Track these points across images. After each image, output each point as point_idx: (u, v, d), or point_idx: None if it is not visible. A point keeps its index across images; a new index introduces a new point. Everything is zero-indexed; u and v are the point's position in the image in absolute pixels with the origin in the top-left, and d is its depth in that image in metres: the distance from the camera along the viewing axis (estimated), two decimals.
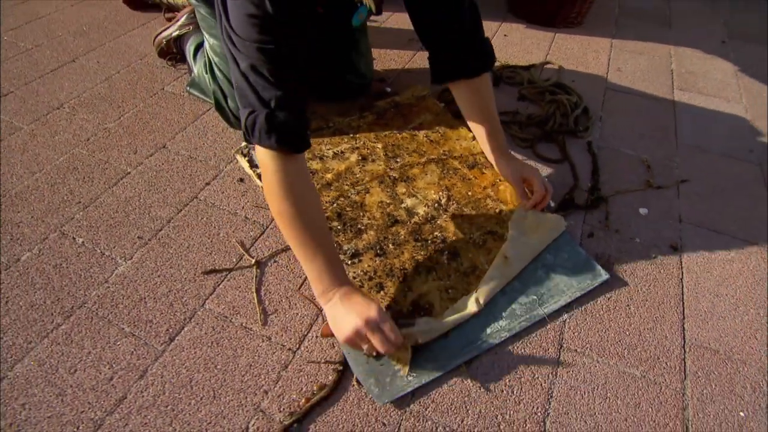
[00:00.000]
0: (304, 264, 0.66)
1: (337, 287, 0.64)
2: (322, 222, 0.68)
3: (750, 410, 0.63)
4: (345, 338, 0.61)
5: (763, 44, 1.56)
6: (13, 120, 1.11)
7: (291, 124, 0.62)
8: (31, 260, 0.80)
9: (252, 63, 0.60)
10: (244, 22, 0.59)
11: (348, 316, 0.61)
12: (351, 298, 0.62)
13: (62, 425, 0.60)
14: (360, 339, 0.60)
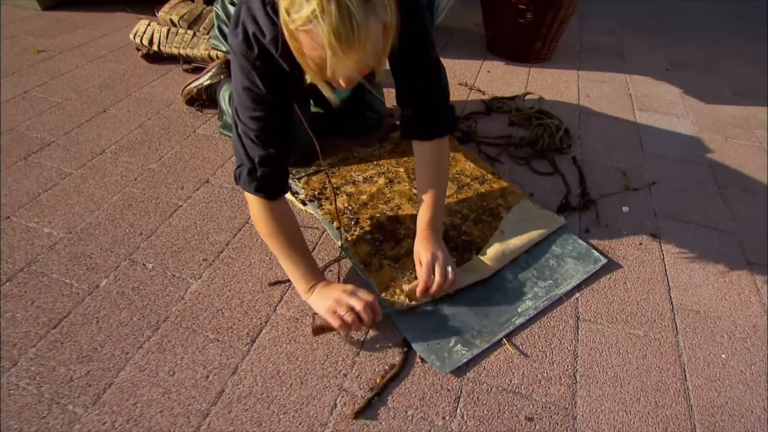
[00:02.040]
0: (289, 271, 0.84)
1: (316, 282, 0.82)
2: (300, 240, 0.86)
3: (729, 353, 0.81)
4: (327, 308, 0.77)
5: (698, 70, 1.88)
6: (61, 167, 1.23)
7: (268, 178, 0.80)
8: (110, 285, 0.91)
9: (245, 127, 0.78)
10: (242, 94, 0.77)
11: (329, 293, 0.78)
12: (328, 285, 0.81)
13: (174, 417, 0.71)
14: (339, 305, 0.76)
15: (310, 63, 0.64)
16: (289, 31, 0.61)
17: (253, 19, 0.74)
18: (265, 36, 0.73)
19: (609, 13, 2.47)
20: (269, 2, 0.72)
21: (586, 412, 0.72)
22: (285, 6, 0.58)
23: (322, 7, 0.53)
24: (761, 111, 1.59)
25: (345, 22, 0.54)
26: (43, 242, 1.00)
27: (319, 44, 0.58)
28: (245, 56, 0.76)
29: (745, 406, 0.74)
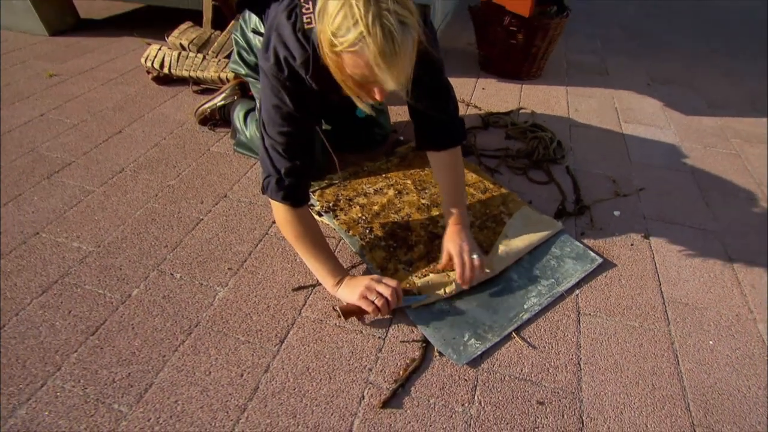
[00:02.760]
0: (315, 269, 0.95)
1: (341, 277, 0.92)
2: (323, 241, 0.96)
3: (715, 339, 0.90)
4: (359, 295, 0.87)
5: (676, 85, 2.03)
6: (84, 185, 1.30)
7: (293, 187, 0.90)
8: (141, 294, 0.98)
9: (273, 141, 0.88)
10: (271, 111, 0.87)
11: (356, 285, 0.89)
12: (354, 278, 0.92)
13: (213, 412, 0.77)
14: (369, 292, 0.86)
15: (349, 81, 0.74)
16: (334, 53, 0.69)
17: (284, 44, 0.83)
18: (296, 59, 0.83)
19: (592, 34, 2.64)
20: (300, 29, 0.81)
21: (591, 395, 0.80)
22: (331, 30, 0.66)
23: (368, 30, 0.62)
24: (735, 121, 1.73)
25: (388, 41, 0.64)
26: (74, 256, 1.06)
27: (364, 62, 0.67)
28: (276, 77, 0.85)
29: (732, 385, 0.82)
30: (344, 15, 0.63)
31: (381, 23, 0.62)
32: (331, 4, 0.65)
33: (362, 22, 0.62)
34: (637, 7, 3.25)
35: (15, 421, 0.75)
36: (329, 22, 0.66)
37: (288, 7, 0.85)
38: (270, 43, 0.85)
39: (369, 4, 0.62)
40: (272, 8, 0.96)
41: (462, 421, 0.76)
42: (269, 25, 0.90)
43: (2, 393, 0.79)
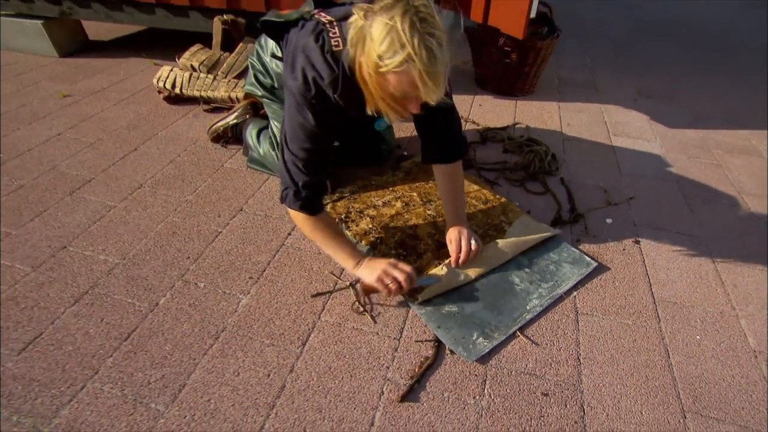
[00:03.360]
0: (335, 255, 1.05)
1: (361, 259, 1.02)
2: (339, 231, 1.11)
3: (702, 334, 0.98)
4: (376, 278, 0.97)
5: (661, 100, 2.16)
6: (105, 200, 1.37)
7: (310, 199, 1.00)
8: (168, 303, 1.05)
9: (294, 156, 0.97)
10: (295, 128, 0.97)
11: (376, 266, 0.99)
12: (372, 260, 1.02)
13: (244, 409, 0.84)
14: (386, 276, 0.96)
15: (388, 98, 0.84)
16: (378, 74, 0.79)
17: (312, 65, 0.93)
18: (324, 79, 0.92)
19: (581, 52, 2.79)
20: (328, 51, 0.91)
21: (590, 387, 0.88)
22: (377, 54, 0.76)
23: (414, 52, 0.73)
24: (716, 134, 1.85)
25: (432, 61, 0.74)
26: (101, 268, 1.13)
27: (408, 81, 0.77)
28: (304, 96, 0.94)
29: (718, 375, 0.91)
30: (391, 40, 0.73)
31: (425, 46, 0.73)
32: (376, 30, 0.75)
33: (409, 45, 0.72)
34: (623, 25, 3.43)
35: (59, 421, 0.81)
36: (374, 47, 0.76)
37: (314, 31, 0.95)
38: (297, 64, 0.95)
39: (414, 29, 0.72)
40: (291, 33, 1.06)
41: (474, 412, 0.84)
42: (293, 47, 1.00)
43: (45, 395, 0.85)
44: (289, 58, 1.02)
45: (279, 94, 1.28)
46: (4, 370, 0.89)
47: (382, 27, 0.75)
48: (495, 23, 1.74)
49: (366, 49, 0.80)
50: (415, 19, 0.74)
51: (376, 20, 0.77)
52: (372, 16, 0.78)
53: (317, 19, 0.99)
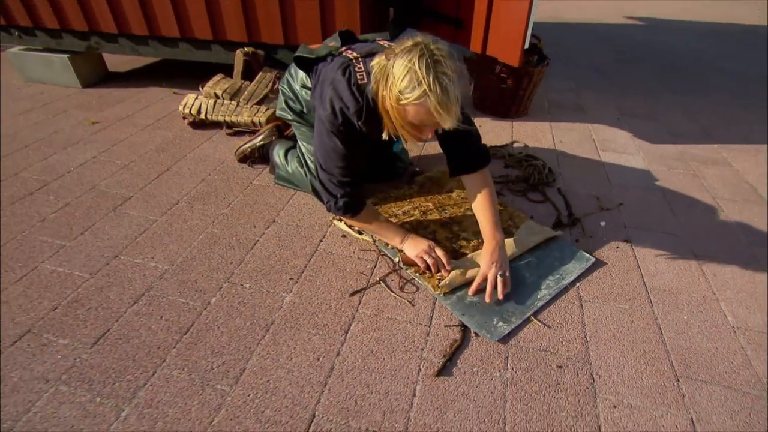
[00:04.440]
0: (383, 234, 1.31)
1: (405, 236, 1.27)
2: (381, 220, 1.32)
3: (688, 315, 1.15)
4: (416, 254, 1.21)
5: (642, 118, 2.40)
6: (146, 215, 1.51)
7: (350, 205, 1.24)
8: (219, 301, 1.18)
9: (329, 175, 1.18)
10: (328, 151, 1.16)
11: (418, 245, 1.24)
12: (416, 238, 1.27)
13: (301, 387, 0.97)
14: (425, 254, 1.21)
15: (407, 125, 1.02)
16: (399, 105, 0.97)
17: (340, 97, 1.11)
18: (349, 109, 1.11)
19: (568, 77, 3.07)
20: (354, 84, 1.10)
21: (597, 359, 1.03)
22: (399, 89, 0.94)
23: (429, 88, 0.90)
24: (692, 147, 2.08)
25: (445, 95, 0.91)
26: (153, 273, 1.27)
27: (425, 111, 0.94)
28: (332, 123, 1.13)
29: (703, 347, 1.07)
30: (410, 78, 0.92)
31: (439, 82, 0.91)
32: (397, 70, 0.93)
33: (425, 82, 0.90)
34: (603, 53, 3.75)
35: (138, 401, 0.93)
36: (395, 84, 0.94)
37: (342, 66, 1.14)
38: (326, 96, 1.13)
39: (429, 69, 0.90)
40: (320, 67, 1.26)
41: (500, 382, 0.98)
42: (321, 79, 1.20)
43: (122, 380, 0.97)
44: (318, 88, 1.21)
45: (308, 118, 1.46)
46: (81, 360, 1.01)
47: (402, 67, 0.94)
48: (493, 53, 1.98)
49: (388, 85, 0.98)
50: (430, 61, 0.92)
51: (398, 61, 0.95)
52: (393, 58, 0.97)
53: (345, 55, 1.19)
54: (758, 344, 1.09)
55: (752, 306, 1.19)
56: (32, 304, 1.16)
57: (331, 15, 1.95)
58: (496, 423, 0.90)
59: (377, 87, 1.02)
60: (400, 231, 1.28)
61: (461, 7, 2.06)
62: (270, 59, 2.21)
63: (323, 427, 0.89)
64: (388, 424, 0.90)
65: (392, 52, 0.98)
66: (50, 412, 0.91)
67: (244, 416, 0.91)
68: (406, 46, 0.95)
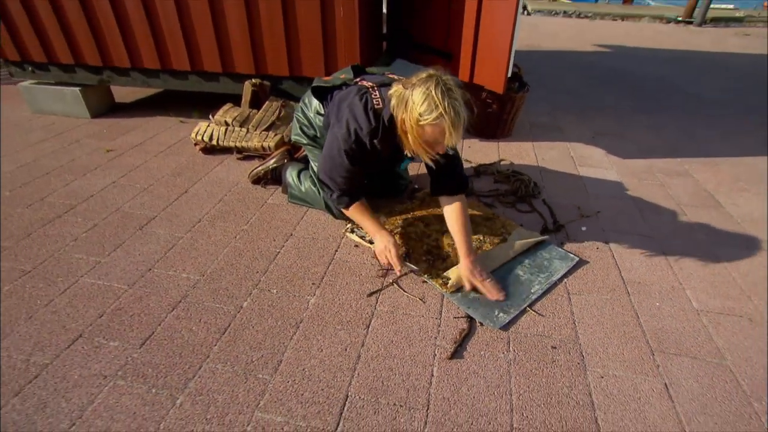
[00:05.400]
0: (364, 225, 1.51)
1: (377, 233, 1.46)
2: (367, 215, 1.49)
3: (660, 302, 1.36)
4: (378, 251, 1.43)
5: (613, 137, 2.68)
6: (172, 233, 1.66)
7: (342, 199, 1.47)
8: (250, 305, 1.33)
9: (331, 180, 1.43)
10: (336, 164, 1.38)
11: (380, 243, 1.44)
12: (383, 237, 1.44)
13: (333, 372, 1.12)
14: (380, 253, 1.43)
15: (424, 143, 1.22)
16: (419, 126, 1.18)
17: (355, 119, 1.32)
18: (363, 130, 1.31)
19: (545, 101, 3.37)
20: (371, 108, 1.31)
21: (585, 340, 1.22)
22: (419, 112, 1.15)
23: (445, 111, 1.12)
24: (659, 161, 2.35)
25: (457, 117, 1.14)
26: (186, 283, 1.41)
27: (440, 131, 1.15)
28: (346, 141, 1.33)
29: (673, 326, 1.27)
30: (428, 103, 1.14)
31: (452, 107, 1.13)
32: (416, 96, 1.16)
33: (441, 106, 1.12)
34: (575, 78, 4.11)
35: (190, 390, 1.07)
36: (415, 108, 1.16)
37: (359, 92, 1.36)
38: (343, 117, 1.35)
39: (444, 96, 1.13)
40: (335, 95, 1.47)
41: (505, 362, 1.15)
42: (338, 103, 1.42)
43: (172, 374, 1.10)
44: (334, 109, 1.42)
45: (320, 142, 1.66)
46: (132, 359, 1.14)
47: (421, 94, 1.16)
48: (479, 81, 2.23)
49: (408, 108, 1.19)
50: (444, 89, 1.15)
51: (417, 89, 1.17)
52: (412, 87, 1.19)
53: (361, 84, 1.40)
54: (717, 323, 1.29)
55: (712, 292, 1.41)
56: (79, 312, 1.29)
57: (333, 50, 2.18)
58: (504, 394, 1.07)
59: (397, 111, 1.23)
60: (376, 228, 1.46)
61: (450, 41, 2.32)
62: (276, 89, 2.42)
63: (357, 404, 1.04)
64: (412, 399, 1.06)
65: (409, 82, 1.20)
66: (113, 402, 1.04)
67: (287, 399, 1.05)
68: (422, 77, 1.18)
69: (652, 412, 1.03)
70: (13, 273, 1.43)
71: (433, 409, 1.03)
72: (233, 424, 1.00)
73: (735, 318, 1.31)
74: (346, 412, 1.02)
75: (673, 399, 1.07)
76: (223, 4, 2.18)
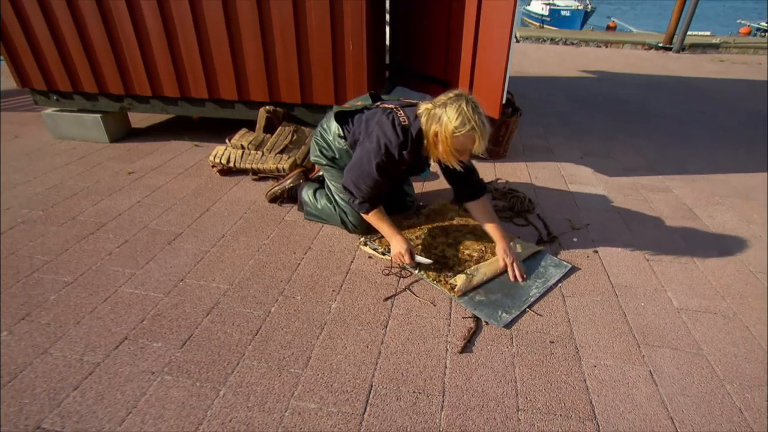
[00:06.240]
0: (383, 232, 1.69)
1: (393, 237, 1.65)
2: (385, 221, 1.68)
3: (644, 303, 1.53)
4: (394, 254, 1.62)
5: (600, 157, 2.91)
6: (199, 247, 1.81)
7: (364, 206, 1.65)
8: (278, 310, 1.48)
9: (357, 189, 1.59)
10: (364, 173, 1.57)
11: (396, 247, 1.64)
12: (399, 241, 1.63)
13: (358, 365, 1.27)
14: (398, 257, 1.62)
15: (455, 151, 1.44)
16: (453, 138, 1.39)
17: (385, 134, 1.52)
18: (392, 143, 1.51)
19: (537, 124, 3.62)
20: (398, 125, 1.51)
21: (579, 335, 1.38)
22: (453, 126, 1.37)
23: (476, 124, 1.36)
24: (642, 179, 2.57)
25: (485, 128, 1.38)
26: (217, 291, 1.56)
27: (471, 140, 1.38)
28: (377, 153, 1.53)
29: (657, 323, 1.44)
30: (462, 118, 1.37)
31: (481, 120, 1.37)
32: (450, 112, 1.39)
33: (472, 120, 1.36)
34: (563, 103, 4.39)
35: (231, 383, 1.21)
36: (450, 122, 1.38)
37: (385, 113, 1.59)
38: (373, 133, 1.57)
39: (474, 111, 1.37)
40: (356, 118, 1.69)
41: (509, 355, 1.31)
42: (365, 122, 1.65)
43: (213, 370, 1.24)
44: (362, 127, 1.65)
45: (338, 163, 1.84)
46: (175, 357, 1.28)
47: (455, 110, 1.39)
48: None
49: (443, 123, 1.41)
50: (473, 105, 1.40)
51: (450, 107, 1.41)
52: (444, 105, 1.43)
53: (384, 107, 1.62)
54: (695, 320, 1.46)
55: (690, 293, 1.59)
56: (122, 318, 1.42)
57: (342, 79, 2.40)
58: (510, 382, 1.22)
59: (430, 126, 1.46)
60: (392, 232, 1.66)
61: (448, 71, 2.56)
62: (288, 116, 2.62)
63: (381, 392, 1.19)
64: (429, 387, 1.20)
65: (438, 102, 1.45)
66: (162, 394, 1.17)
67: (318, 389, 1.20)
68: (451, 96, 1.43)
69: (639, 395, 1.19)
70: (57, 284, 1.57)
71: (448, 395, 1.18)
72: (272, 411, 1.13)
73: (710, 315, 1.49)
74: (371, 399, 1.17)
75: (657, 383, 1.23)
76: (241, 36, 2.39)
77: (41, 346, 1.31)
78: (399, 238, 1.64)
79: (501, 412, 1.14)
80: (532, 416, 1.13)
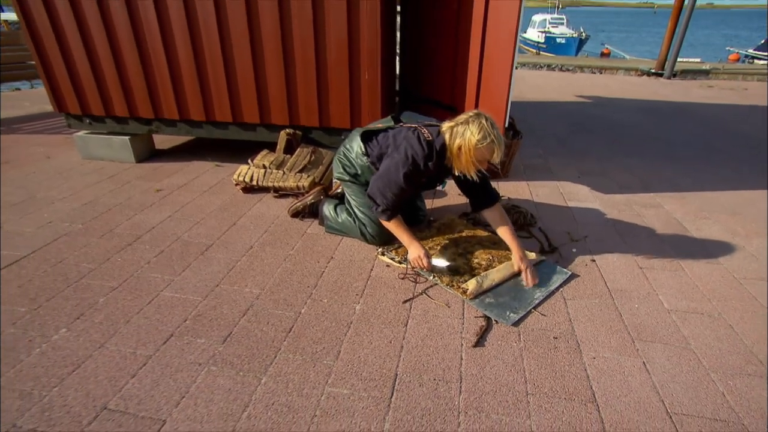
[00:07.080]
0: (402, 239, 1.89)
1: (411, 243, 1.86)
2: (403, 228, 1.88)
3: (638, 304, 1.70)
4: (413, 258, 1.81)
5: (596, 175, 3.13)
6: (229, 257, 1.99)
7: (386, 214, 1.85)
8: (307, 311, 1.64)
9: (383, 197, 1.80)
10: (391, 182, 1.77)
11: (413, 251, 1.85)
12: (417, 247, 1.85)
13: (383, 358, 1.43)
14: (416, 260, 1.82)
15: (476, 161, 1.65)
16: (476, 149, 1.62)
17: (412, 147, 1.75)
18: (418, 155, 1.72)
19: (536, 146, 3.86)
20: (424, 140, 1.73)
21: (580, 333, 1.55)
22: (477, 139, 1.60)
23: (495, 138, 1.60)
24: (635, 196, 2.78)
25: (502, 142, 1.61)
26: (250, 296, 1.73)
27: (490, 151, 1.61)
28: (405, 164, 1.73)
29: (649, 322, 1.61)
30: (483, 133, 1.60)
31: (498, 135, 1.61)
32: (473, 128, 1.62)
33: (492, 135, 1.60)
34: (560, 126, 4.65)
35: (270, 373, 1.36)
36: (473, 136, 1.61)
37: (410, 129, 1.82)
38: (401, 146, 1.79)
39: (492, 128, 1.61)
40: (381, 136, 1.91)
41: (517, 348, 1.47)
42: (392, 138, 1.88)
43: (253, 362, 1.40)
44: (390, 142, 1.87)
45: (360, 179, 2.04)
46: (218, 352, 1.44)
47: (477, 126, 1.63)
48: None
49: (466, 137, 1.64)
50: (491, 123, 1.64)
51: (472, 124, 1.64)
52: (465, 123, 1.66)
53: (408, 126, 1.84)
54: (684, 319, 1.64)
55: (679, 296, 1.76)
56: (166, 318, 1.59)
57: (358, 105, 2.64)
58: (519, 371, 1.38)
59: (454, 140, 1.68)
60: (410, 239, 1.86)
61: (455, 97, 2.80)
62: (306, 138, 2.84)
63: (405, 380, 1.35)
64: (448, 375, 1.36)
65: (460, 119, 1.69)
66: (210, 382, 1.33)
67: (349, 377, 1.35)
68: (471, 115, 1.67)
69: (634, 381, 1.35)
70: (104, 288, 1.74)
71: (465, 382, 1.34)
72: (310, 396, 1.29)
73: (697, 315, 1.66)
74: (397, 386, 1.32)
75: (649, 372, 1.39)
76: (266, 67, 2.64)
77: (98, 341, 1.47)
78: (417, 245, 1.82)
79: (512, 396, 1.29)
80: (539, 399, 1.29)
